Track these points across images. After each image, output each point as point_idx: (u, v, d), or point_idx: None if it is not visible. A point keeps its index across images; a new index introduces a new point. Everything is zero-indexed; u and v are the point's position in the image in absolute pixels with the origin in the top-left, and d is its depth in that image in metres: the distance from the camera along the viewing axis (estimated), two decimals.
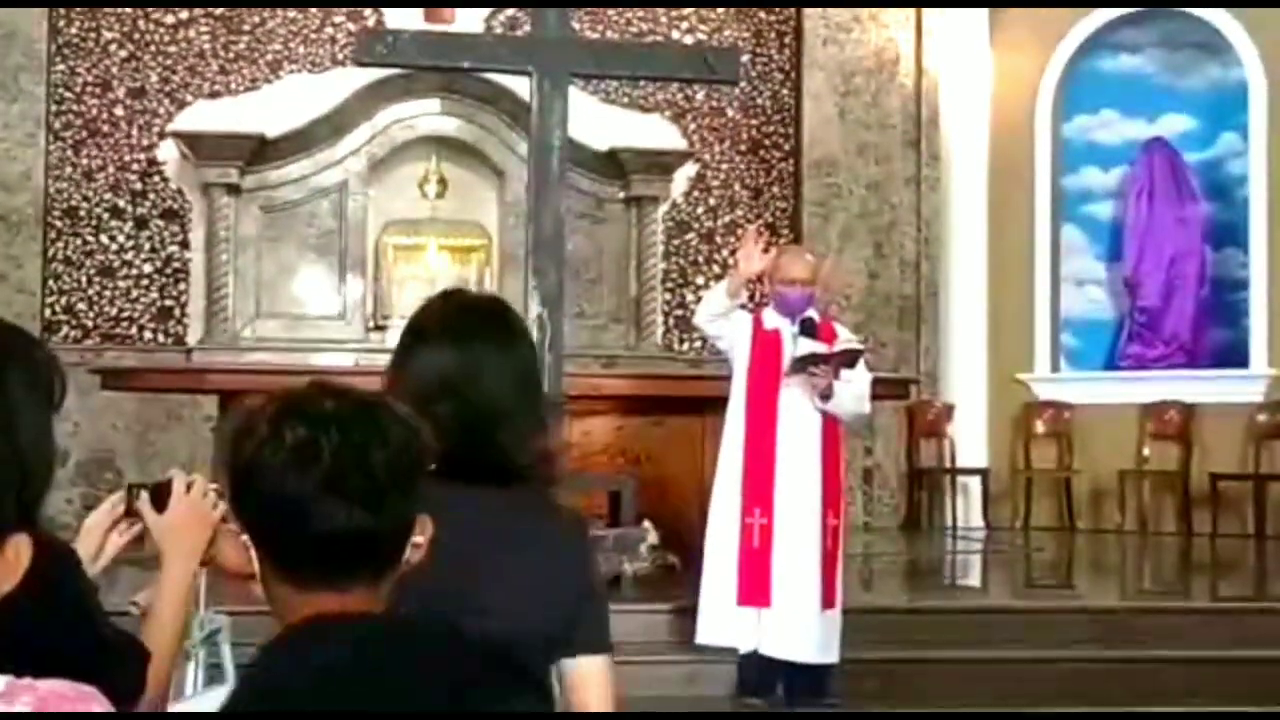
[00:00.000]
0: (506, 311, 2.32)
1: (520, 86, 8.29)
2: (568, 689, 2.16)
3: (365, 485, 1.51)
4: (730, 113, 11.36)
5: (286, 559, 1.55)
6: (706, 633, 5.51)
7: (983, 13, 11.21)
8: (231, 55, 10.78)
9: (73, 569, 1.99)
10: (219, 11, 10.73)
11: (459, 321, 2.26)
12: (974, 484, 10.98)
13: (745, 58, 10.80)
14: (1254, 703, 5.70)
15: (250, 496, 1.55)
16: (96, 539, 2.13)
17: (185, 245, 10.68)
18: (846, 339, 5.70)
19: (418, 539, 1.61)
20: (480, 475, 2.13)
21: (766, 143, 11.40)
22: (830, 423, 5.54)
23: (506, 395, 2.19)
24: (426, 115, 10.88)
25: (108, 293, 10.57)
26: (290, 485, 1.51)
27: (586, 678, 2.17)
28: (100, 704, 1.68)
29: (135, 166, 10.65)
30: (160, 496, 2.16)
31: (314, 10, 10.85)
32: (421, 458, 1.58)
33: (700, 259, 11.29)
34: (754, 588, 5.42)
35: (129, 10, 10.61)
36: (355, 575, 1.54)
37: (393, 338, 2.71)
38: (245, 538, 1.58)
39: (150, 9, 10.62)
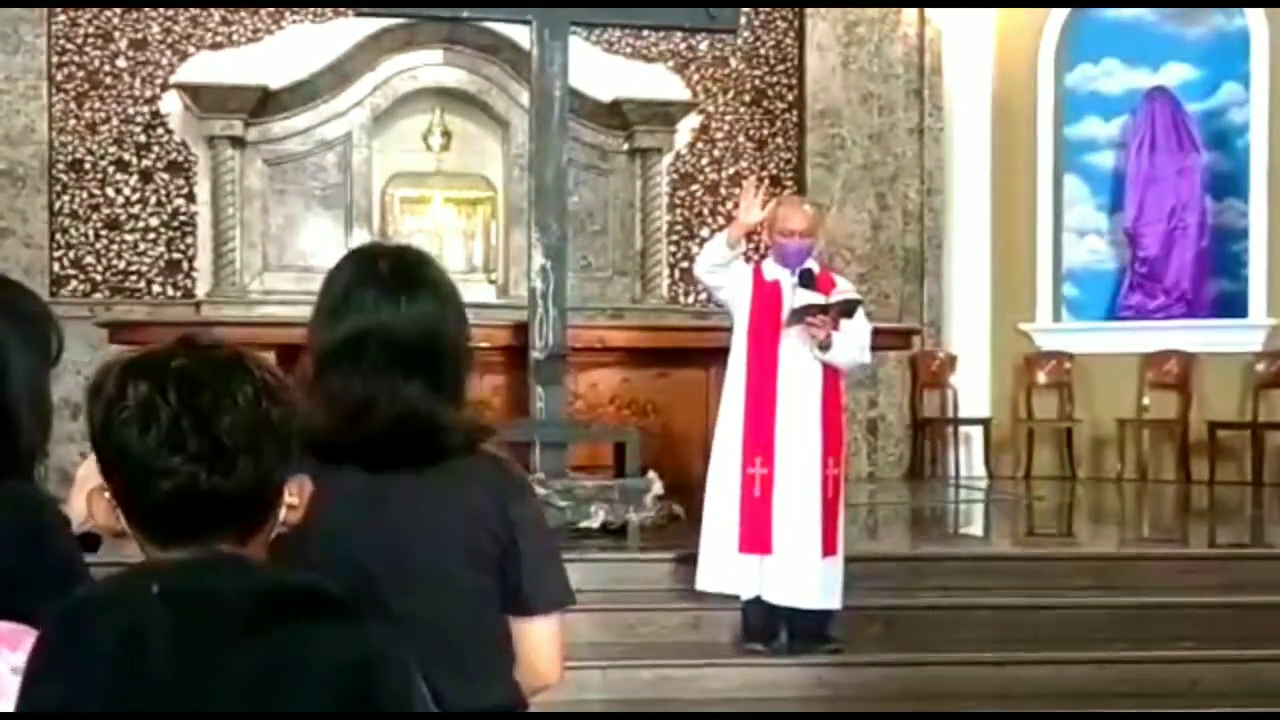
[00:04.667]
0: (413, 267, 2.17)
1: (522, 36, 8.31)
2: (515, 639, 2.18)
3: (207, 447, 1.47)
4: (734, 63, 11.35)
5: (140, 517, 1.53)
6: (706, 580, 5.58)
7: None
8: (232, 6, 10.75)
9: (57, 526, 2.01)
10: None
11: (355, 286, 2.14)
12: (976, 434, 11.05)
13: (747, 7, 10.78)
14: (1250, 646, 5.79)
15: (103, 454, 1.53)
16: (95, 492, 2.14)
17: (191, 198, 10.71)
18: (845, 289, 5.73)
19: (291, 500, 1.58)
20: (392, 460, 2.06)
21: (770, 93, 11.39)
22: (831, 373, 5.59)
23: (402, 369, 2.07)
24: (429, 66, 10.87)
25: (115, 246, 10.60)
26: (133, 444, 1.48)
27: (524, 635, 2.18)
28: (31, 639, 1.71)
29: (139, 119, 10.65)
30: None
31: None
32: (283, 418, 1.53)
33: (705, 210, 11.31)
34: (755, 536, 5.48)
35: None
36: (213, 534, 1.52)
37: None
38: (109, 494, 1.56)
39: None
